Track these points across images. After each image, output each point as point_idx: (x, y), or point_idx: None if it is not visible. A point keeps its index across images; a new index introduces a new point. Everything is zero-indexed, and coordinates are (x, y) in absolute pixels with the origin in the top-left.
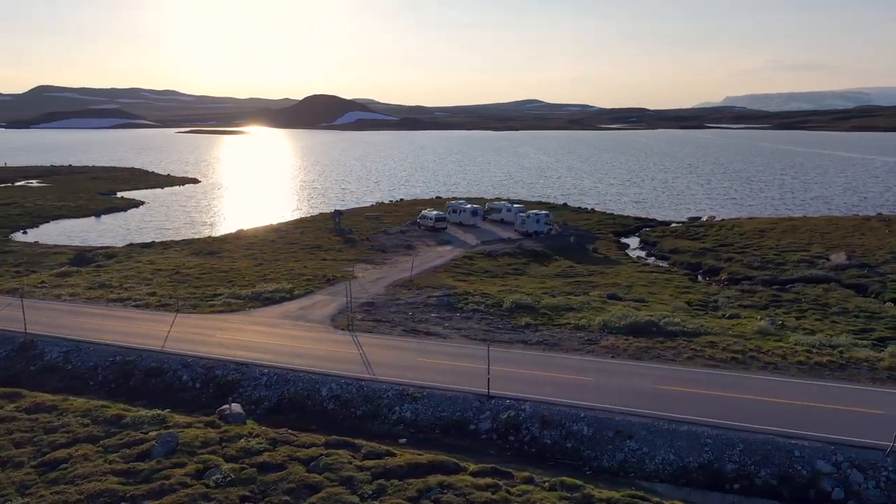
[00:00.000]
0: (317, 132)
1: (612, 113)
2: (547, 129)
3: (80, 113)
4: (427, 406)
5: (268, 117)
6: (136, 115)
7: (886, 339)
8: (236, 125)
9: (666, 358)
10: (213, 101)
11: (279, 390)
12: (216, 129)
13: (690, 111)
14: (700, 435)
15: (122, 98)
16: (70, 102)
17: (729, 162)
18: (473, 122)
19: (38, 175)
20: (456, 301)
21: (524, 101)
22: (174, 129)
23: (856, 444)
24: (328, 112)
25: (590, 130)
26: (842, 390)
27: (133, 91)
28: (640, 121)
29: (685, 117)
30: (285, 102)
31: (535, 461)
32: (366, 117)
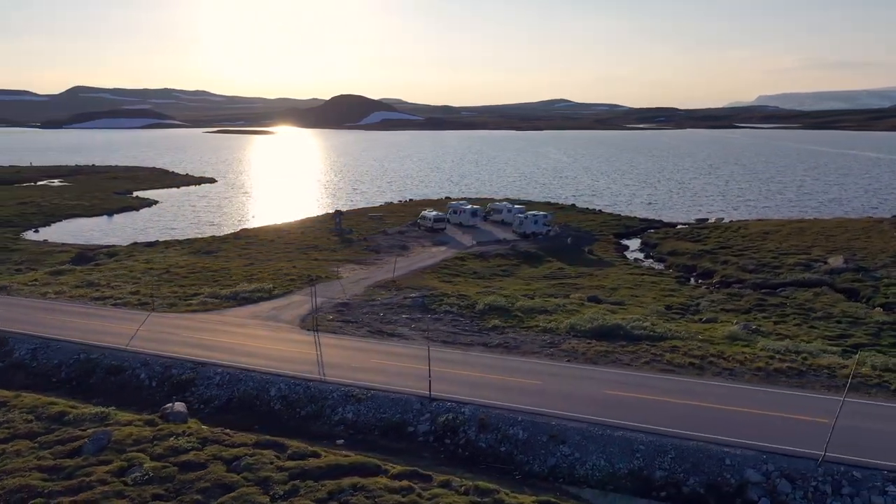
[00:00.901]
0: (342, 132)
1: (640, 113)
2: (572, 129)
3: (112, 113)
4: (370, 407)
5: (295, 117)
6: (167, 116)
7: (862, 345)
8: (264, 125)
9: (623, 362)
10: (243, 102)
11: (230, 390)
12: (243, 129)
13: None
14: (633, 441)
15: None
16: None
17: (751, 163)
18: (498, 122)
19: (61, 174)
20: (430, 302)
21: (552, 101)
22: (202, 129)
23: (790, 452)
24: (354, 112)
25: (615, 130)
26: (791, 397)
27: (165, 91)
28: (669, 121)
29: (715, 117)
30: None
31: (467, 465)
32: (391, 117)
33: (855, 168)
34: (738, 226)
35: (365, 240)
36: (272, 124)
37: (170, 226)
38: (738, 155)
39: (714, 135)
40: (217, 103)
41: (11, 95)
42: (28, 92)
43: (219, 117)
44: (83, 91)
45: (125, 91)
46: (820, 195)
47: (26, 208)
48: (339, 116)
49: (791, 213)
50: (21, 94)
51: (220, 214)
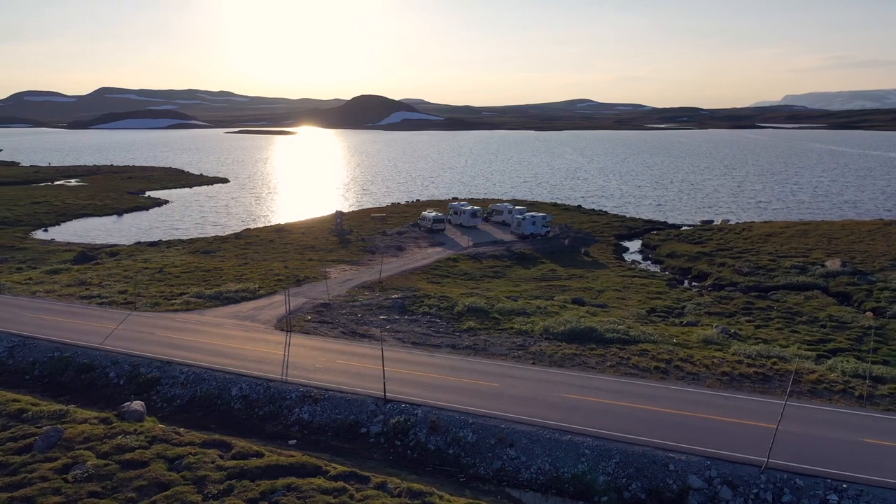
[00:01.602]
0: (362, 132)
1: (663, 113)
2: (593, 130)
3: (137, 114)
4: (326, 408)
5: (317, 117)
6: (190, 116)
7: (840, 350)
8: (286, 125)
9: (588, 365)
10: (266, 102)
11: (193, 389)
12: (264, 129)
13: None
14: (580, 445)
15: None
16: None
17: (769, 163)
18: (518, 122)
19: (78, 174)
20: (410, 304)
21: (574, 101)
22: (224, 130)
23: (736, 459)
24: (374, 112)
25: (636, 131)
26: (749, 402)
27: (189, 92)
28: (692, 120)
29: (739, 117)
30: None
31: (413, 466)
32: (411, 117)
33: (875, 169)
34: (741, 228)
35: (363, 240)
36: (294, 124)
37: (175, 225)
38: (756, 155)
39: (736, 135)
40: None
41: (40, 96)
42: (57, 93)
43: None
44: (110, 92)
45: (151, 92)
46: (835, 197)
47: (39, 208)
48: (359, 117)
49: (802, 215)
50: (50, 96)
51: (225, 215)
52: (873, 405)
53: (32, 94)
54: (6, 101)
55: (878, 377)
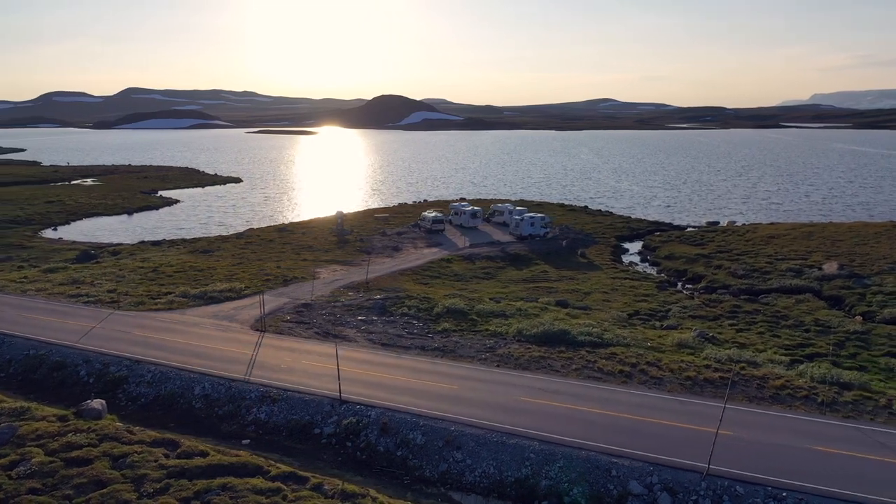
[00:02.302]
0: (382, 132)
1: (686, 112)
2: (613, 130)
3: (161, 114)
4: (283, 408)
5: (339, 117)
6: (212, 116)
7: (817, 356)
8: (307, 125)
9: (552, 369)
10: (289, 102)
11: (158, 388)
12: (285, 129)
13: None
14: (525, 449)
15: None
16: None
17: (787, 164)
18: (538, 122)
19: (95, 174)
20: (391, 305)
21: (597, 101)
22: (245, 130)
23: (679, 465)
24: (395, 112)
25: (657, 130)
26: (707, 408)
27: (214, 93)
28: (715, 120)
29: (763, 116)
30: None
31: (360, 468)
32: (431, 117)
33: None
34: (745, 229)
35: (361, 240)
36: (315, 124)
37: (181, 225)
38: (776, 156)
39: (758, 135)
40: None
41: (68, 97)
42: (84, 94)
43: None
44: (136, 92)
45: (176, 92)
46: (849, 198)
47: (51, 207)
48: (380, 117)
49: (812, 216)
50: (77, 96)
51: (232, 214)
52: (834, 412)
53: (60, 95)
54: (35, 102)
55: (845, 383)
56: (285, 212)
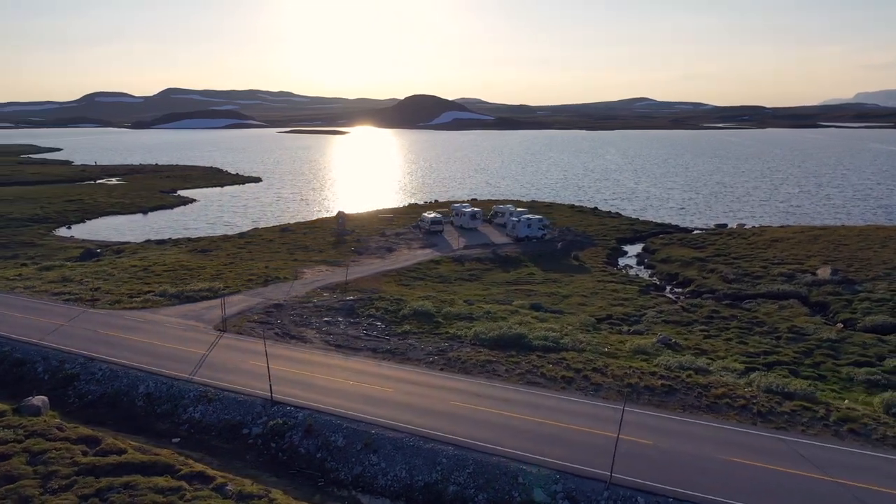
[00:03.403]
0: (412, 132)
1: (723, 112)
2: (646, 129)
3: (197, 114)
4: (217, 408)
5: (372, 117)
6: (247, 116)
7: (778, 364)
8: (341, 125)
9: (496, 373)
10: (324, 102)
11: (106, 386)
12: (316, 129)
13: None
14: (440, 453)
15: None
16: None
17: (817, 165)
18: (569, 122)
19: (120, 173)
20: (361, 306)
21: (633, 100)
22: (277, 130)
23: (587, 473)
24: (426, 112)
25: (691, 130)
26: (635, 416)
27: (251, 93)
28: (752, 120)
29: (803, 116)
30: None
31: (279, 469)
32: (462, 117)
33: None
34: (752, 232)
35: (357, 241)
36: (348, 124)
37: (189, 224)
38: (806, 156)
39: (794, 135)
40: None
41: (110, 97)
42: (125, 94)
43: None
44: (175, 93)
45: (213, 92)
46: (873, 201)
47: (70, 205)
48: (412, 116)
49: (826, 219)
50: (119, 97)
51: (241, 214)
52: (766, 422)
53: (103, 96)
54: (79, 102)
55: (789, 393)
56: (294, 212)
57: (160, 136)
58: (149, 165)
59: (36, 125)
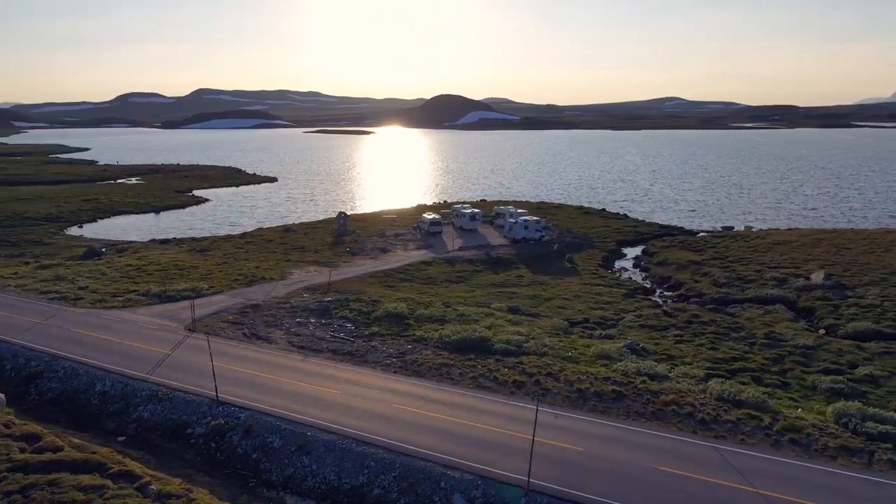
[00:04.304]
0: (438, 132)
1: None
2: (673, 129)
3: (226, 114)
4: (166, 408)
5: (399, 117)
6: (274, 116)
7: (745, 371)
8: (367, 125)
9: (449, 377)
10: (352, 102)
11: (66, 384)
12: (341, 129)
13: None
14: (369, 456)
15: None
16: (223, 104)
17: (840, 166)
18: (595, 122)
19: (141, 173)
20: (336, 307)
21: (662, 99)
22: (302, 129)
23: (508, 479)
24: (452, 112)
25: (719, 130)
26: (573, 422)
27: (280, 93)
28: (782, 119)
29: (836, 115)
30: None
31: (214, 469)
32: (488, 117)
33: None
34: (756, 235)
35: (355, 242)
36: (375, 124)
37: (196, 224)
38: (832, 157)
39: (823, 135)
40: (328, 104)
41: (143, 98)
42: (158, 94)
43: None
44: (206, 93)
45: (243, 93)
46: (891, 204)
47: (85, 205)
48: (438, 116)
49: (838, 223)
50: (151, 97)
51: (248, 214)
52: (708, 430)
53: (136, 96)
54: (113, 103)
55: (739, 401)
56: (301, 212)
57: (188, 136)
58: (169, 165)
59: (70, 125)
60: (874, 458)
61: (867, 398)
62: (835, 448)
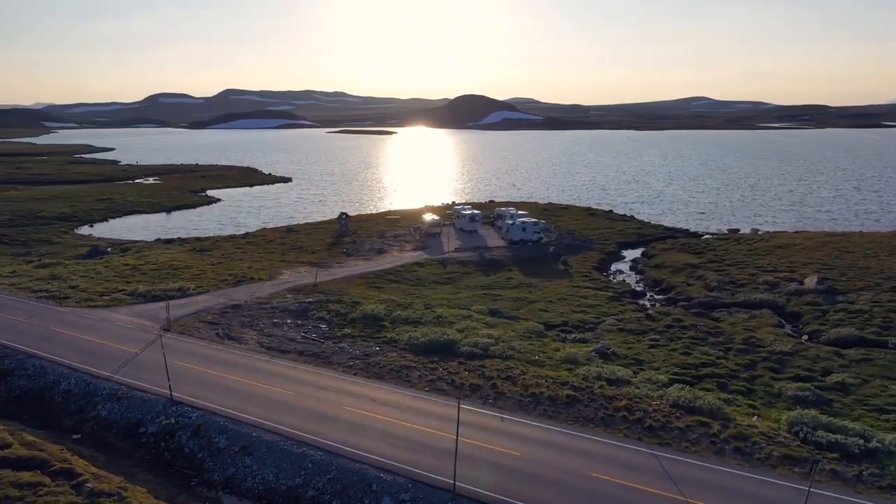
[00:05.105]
0: (461, 132)
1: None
2: (699, 129)
3: (251, 114)
4: (123, 406)
5: (424, 117)
6: (299, 116)
7: (709, 377)
8: (390, 125)
9: (407, 380)
10: (377, 102)
11: (34, 382)
12: (364, 129)
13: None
14: (307, 457)
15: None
16: (250, 104)
17: (863, 167)
18: (619, 122)
19: (159, 173)
20: (314, 308)
21: (689, 99)
22: (325, 130)
23: (438, 483)
24: (476, 112)
25: (745, 131)
26: (519, 426)
27: (306, 93)
28: (812, 119)
29: (867, 115)
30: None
31: (159, 468)
32: (511, 117)
33: None
34: (759, 238)
35: (353, 242)
36: (400, 124)
37: (201, 224)
38: (856, 158)
39: (851, 135)
40: (353, 104)
41: (172, 98)
42: (186, 95)
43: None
44: (233, 94)
45: (270, 93)
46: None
47: (98, 204)
48: (461, 116)
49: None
50: (180, 98)
51: (254, 215)
52: (654, 437)
53: (165, 97)
54: (142, 103)
55: (693, 408)
56: (308, 212)
57: (212, 136)
58: (188, 165)
59: (100, 126)
60: (816, 467)
61: (831, 406)
62: (778, 457)
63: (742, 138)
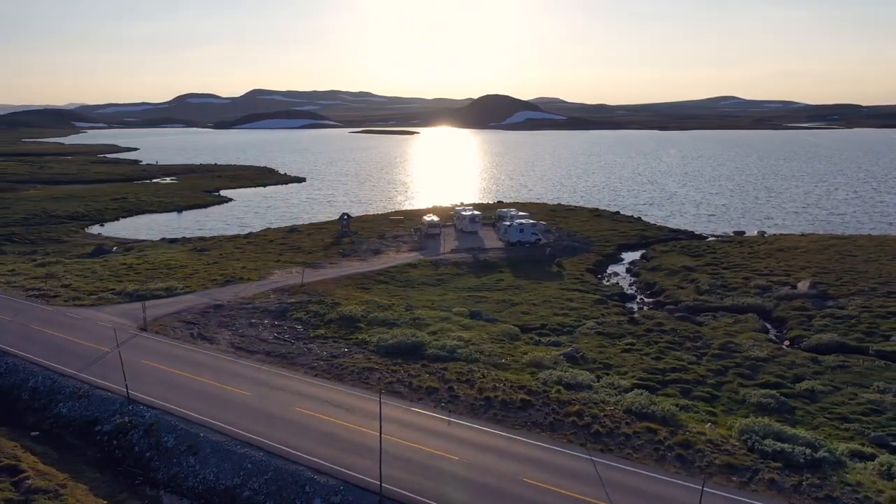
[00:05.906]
0: (483, 132)
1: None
2: (724, 129)
3: (276, 114)
4: (84, 404)
5: (447, 117)
6: (323, 116)
7: (675, 382)
8: (414, 125)
9: (365, 382)
10: (402, 102)
11: (5, 379)
12: (387, 129)
13: None
14: (247, 458)
15: (322, 100)
16: (276, 104)
17: (885, 169)
18: (644, 122)
19: (177, 173)
20: (294, 309)
21: (717, 98)
22: (348, 130)
23: (368, 486)
24: (498, 112)
25: (772, 131)
26: (465, 430)
27: (331, 93)
28: (841, 119)
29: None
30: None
31: (108, 466)
32: (534, 117)
33: None
34: (762, 241)
35: (352, 243)
36: (424, 124)
37: (209, 224)
38: (879, 158)
39: (881, 135)
40: (378, 104)
41: (199, 99)
42: (213, 95)
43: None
44: (260, 94)
45: (296, 93)
46: None
47: (112, 203)
48: (485, 116)
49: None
50: (207, 98)
51: (261, 215)
52: (598, 443)
53: (192, 97)
54: (170, 104)
55: (645, 414)
56: (314, 212)
57: (236, 136)
58: (206, 165)
59: (128, 125)
60: (756, 477)
61: (793, 414)
62: (718, 465)
63: (768, 138)
